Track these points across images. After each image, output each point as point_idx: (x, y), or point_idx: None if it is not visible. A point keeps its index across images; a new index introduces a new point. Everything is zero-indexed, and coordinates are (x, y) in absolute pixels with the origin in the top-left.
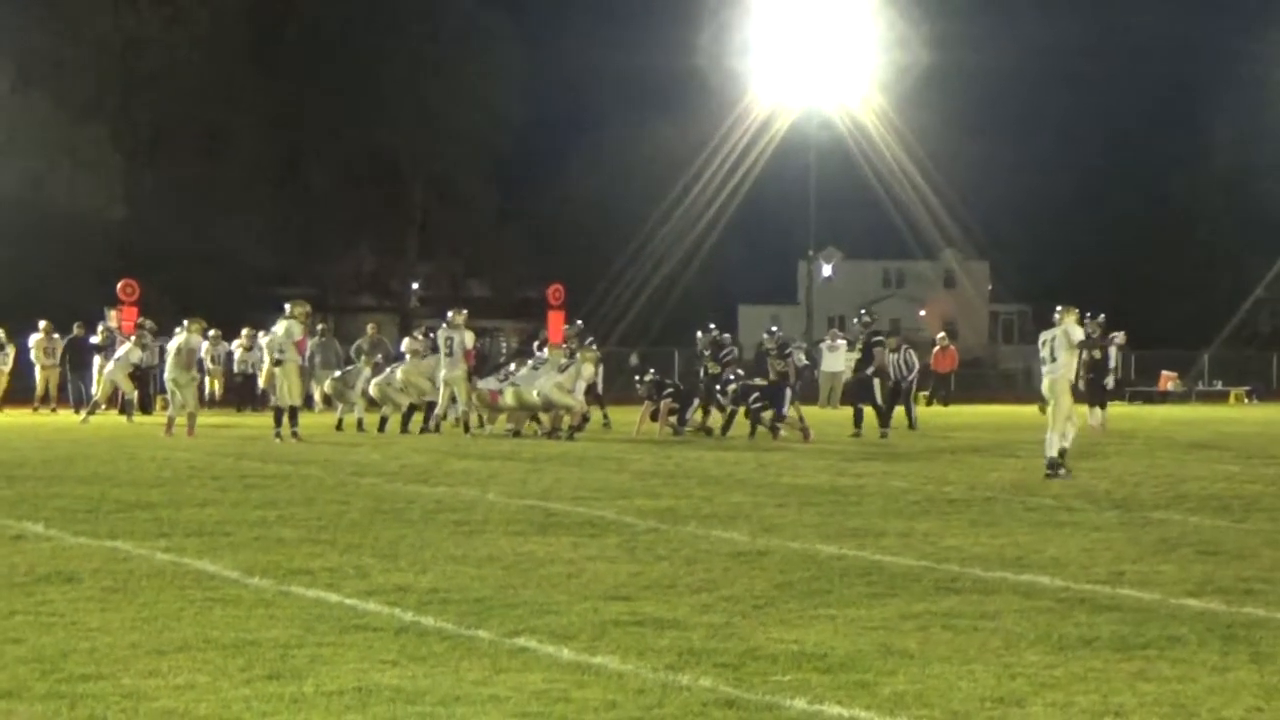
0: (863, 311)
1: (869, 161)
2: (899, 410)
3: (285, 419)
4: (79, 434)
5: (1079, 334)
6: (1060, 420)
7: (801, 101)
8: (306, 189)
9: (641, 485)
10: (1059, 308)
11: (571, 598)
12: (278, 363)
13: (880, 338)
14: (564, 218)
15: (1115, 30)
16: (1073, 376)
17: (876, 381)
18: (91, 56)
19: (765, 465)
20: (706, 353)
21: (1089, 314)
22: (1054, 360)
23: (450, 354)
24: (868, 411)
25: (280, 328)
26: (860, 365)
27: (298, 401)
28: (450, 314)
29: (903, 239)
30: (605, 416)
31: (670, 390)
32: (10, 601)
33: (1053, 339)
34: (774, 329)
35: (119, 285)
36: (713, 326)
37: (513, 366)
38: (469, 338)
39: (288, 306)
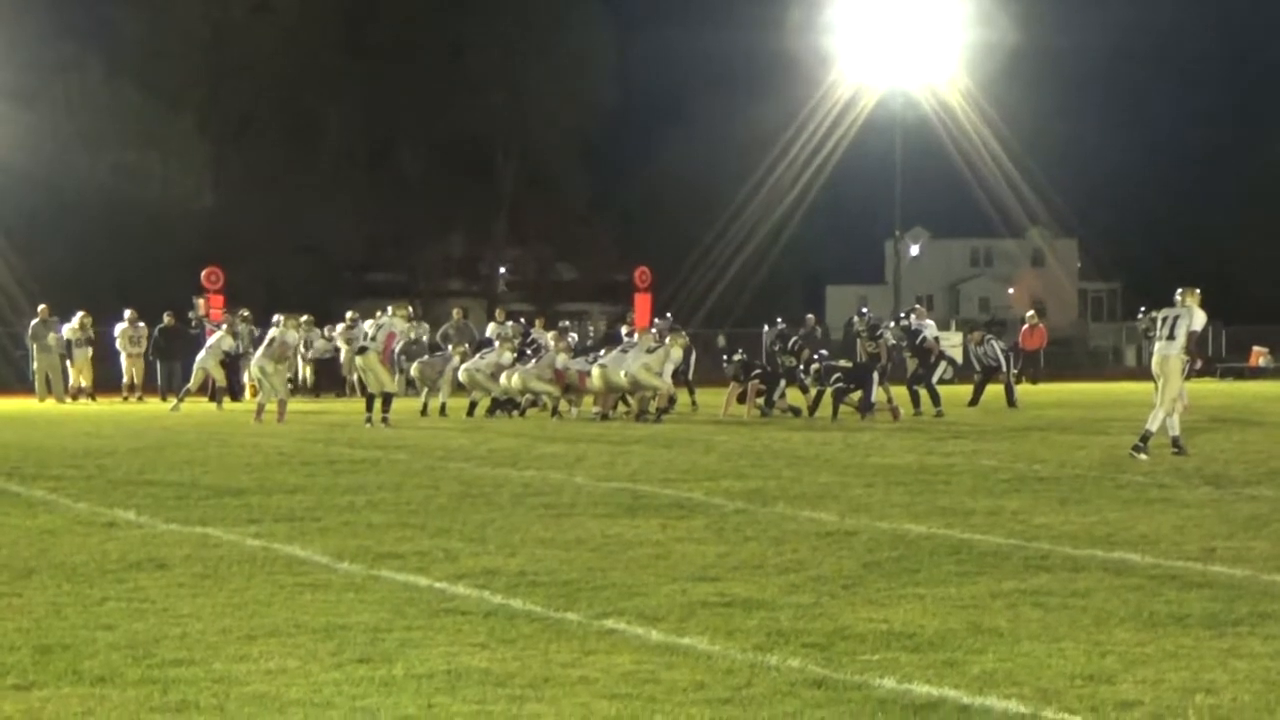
0: (864, 310)
1: (955, 140)
2: (995, 389)
3: (377, 405)
4: (169, 422)
5: (1202, 320)
6: (1168, 399)
7: (887, 80)
8: (396, 175)
9: (729, 466)
10: (1180, 289)
11: (660, 579)
12: (361, 349)
13: (926, 335)
14: (652, 200)
15: (1205, 4)
16: (1186, 357)
17: (943, 364)
18: (180, 46)
19: (853, 445)
20: (776, 348)
21: (1143, 309)
22: (1171, 338)
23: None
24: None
25: (383, 320)
26: (923, 358)
27: (391, 388)
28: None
29: (990, 218)
30: (694, 399)
31: (758, 371)
32: (103, 588)
33: (1174, 317)
34: (864, 310)
35: (203, 273)
36: (779, 320)
37: (602, 351)
38: (560, 360)
39: (390, 308)
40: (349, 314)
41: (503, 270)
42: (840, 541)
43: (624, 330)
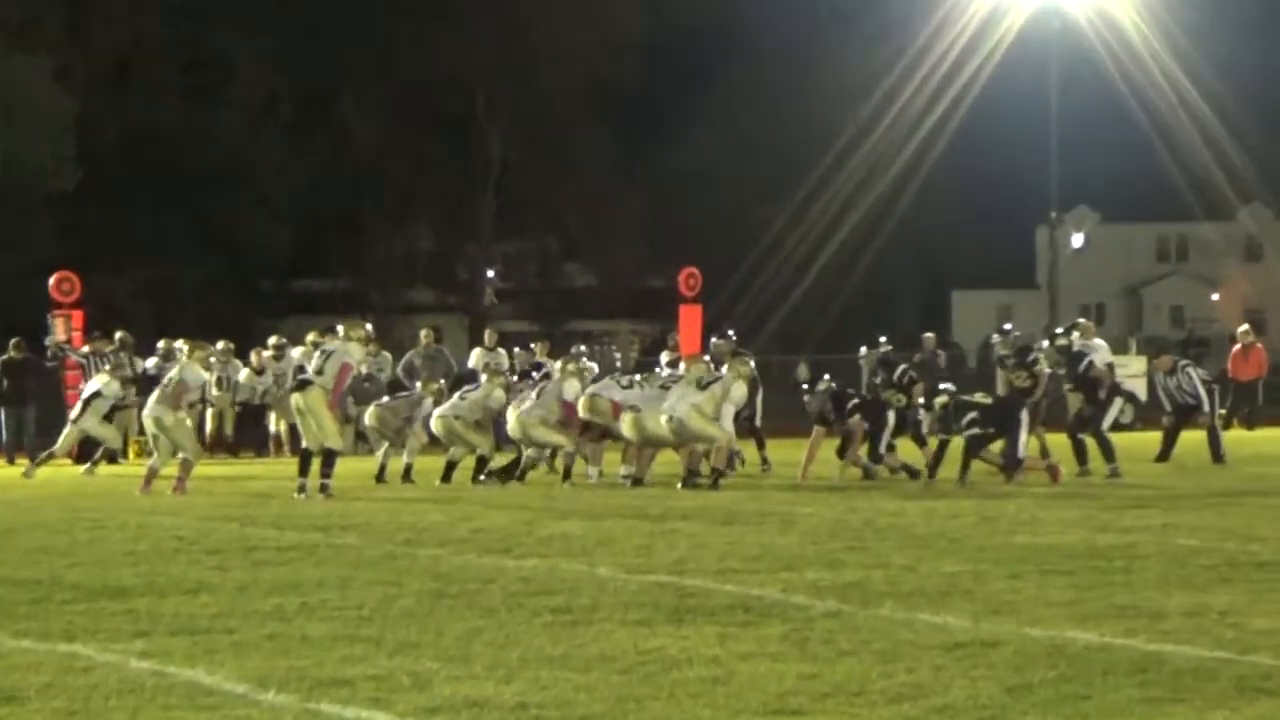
0: (1007, 326)
1: (1133, 85)
2: (1194, 437)
3: (315, 466)
4: (20, 493)
5: None
6: None
7: None
8: (340, 140)
9: (816, 550)
10: None
11: (718, 712)
12: (302, 384)
13: (1090, 357)
14: (700, 174)
15: None
16: None
17: (1118, 401)
18: None
19: (992, 519)
20: (878, 380)
21: None
22: None
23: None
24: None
25: (333, 346)
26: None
27: (337, 444)
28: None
29: (1183, 194)
30: (764, 455)
31: (856, 401)
32: None
33: None
34: (1007, 327)
35: (52, 281)
36: (883, 341)
37: (634, 389)
38: (569, 389)
39: (341, 329)
40: (272, 339)
41: (491, 274)
42: (975, 656)
43: (664, 358)
